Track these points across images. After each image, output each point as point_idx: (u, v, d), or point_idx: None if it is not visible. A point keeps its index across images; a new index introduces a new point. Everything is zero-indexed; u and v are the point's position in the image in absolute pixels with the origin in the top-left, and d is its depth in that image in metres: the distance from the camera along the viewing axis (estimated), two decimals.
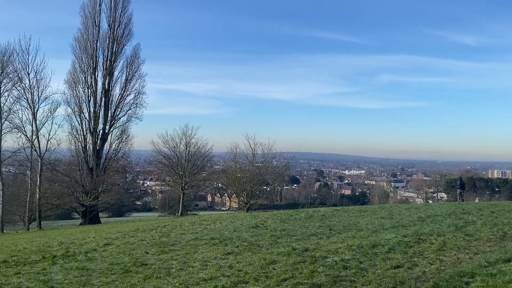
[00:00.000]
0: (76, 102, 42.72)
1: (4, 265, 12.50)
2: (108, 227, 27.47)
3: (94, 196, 39.98)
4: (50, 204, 41.74)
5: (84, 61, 43.20)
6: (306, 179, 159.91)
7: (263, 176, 41.41)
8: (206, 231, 16.99)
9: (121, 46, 44.71)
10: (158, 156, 46.98)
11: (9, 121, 38.71)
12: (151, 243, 14.59)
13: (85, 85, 43.07)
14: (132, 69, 45.45)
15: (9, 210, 41.38)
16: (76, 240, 17.75)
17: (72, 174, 42.39)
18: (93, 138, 43.36)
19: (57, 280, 9.81)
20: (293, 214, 22.37)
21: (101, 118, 43.79)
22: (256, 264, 10.13)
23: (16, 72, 38.63)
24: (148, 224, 25.00)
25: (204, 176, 51.69)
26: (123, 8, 44.53)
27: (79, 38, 43.40)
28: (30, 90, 38.76)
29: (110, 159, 45.14)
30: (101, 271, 10.51)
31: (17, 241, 21.00)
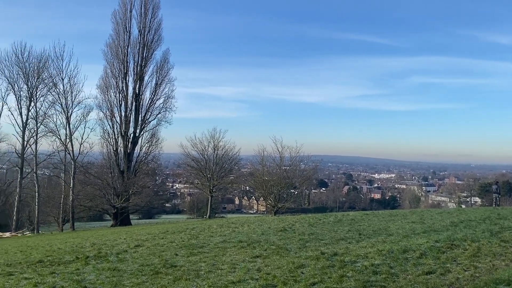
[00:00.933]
0: (108, 107, 43.87)
1: (40, 265, 12.93)
2: (139, 228, 27.97)
3: (125, 198, 40.85)
4: (82, 206, 42.94)
5: (115, 67, 44.33)
6: (334, 182, 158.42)
7: (291, 179, 41.24)
8: (234, 234, 17.06)
9: (151, 51, 45.65)
10: (187, 159, 47.59)
11: (44, 125, 40.15)
12: (180, 245, 14.76)
13: (116, 89, 44.17)
14: (162, 74, 46.31)
15: (44, 212, 42.77)
16: (108, 241, 18.15)
17: (104, 176, 43.47)
18: (124, 141, 44.32)
19: (90, 280, 10.06)
20: (322, 218, 22.18)
21: (131, 122, 44.77)
22: (285, 267, 10.09)
23: (51, 78, 40.04)
24: (177, 226, 25.31)
25: (232, 179, 52.00)
26: (153, 14, 45.48)
27: (111, 44, 44.60)
28: (64, 95, 40.09)
29: (141, 162, 46.03)
30: (132, 272, 10.71)
31: (51, 242, 21.65)
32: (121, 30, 44.42)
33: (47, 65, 39.65)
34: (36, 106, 39.41)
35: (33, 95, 39.07)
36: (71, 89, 40.23)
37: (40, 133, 39.80)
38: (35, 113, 39.32)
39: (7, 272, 11.98)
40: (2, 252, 17.93)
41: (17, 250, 17.96)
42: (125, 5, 44.63)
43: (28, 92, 38.85)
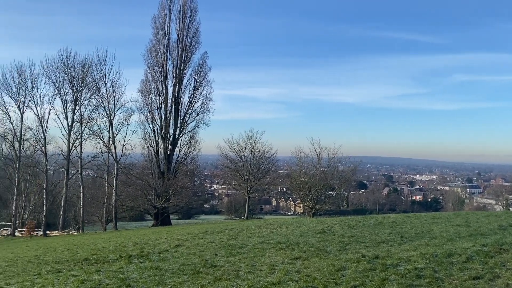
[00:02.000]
0: (148, 110, 45.02)
1: (86, 263, 13.44)
2: (179, 228, 28.49)
3: (165, 199, 41.74)
4: (125, 206, 44.24)
5: (155, 70, 45.44)
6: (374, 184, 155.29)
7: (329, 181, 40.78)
8: (273, 235, 17.05)
9: (189, 54, 46.48)
10: (224, 160, 48.08)
11: (88, 128, 41.63)
12: (220, 245, 14.91)
13: (156, 93, 45.27)
14: (200, 77, 47.05)
15: (88, 211, 44.37)
16: (150, 240, 18.60)
17: (145, 177, 44.63)
18: (164, 143, 45.34)
19: (133, 279, 10.35)
20: (361, 220, 21.79)
21: (171, 124, 45.73)
22: (325, 270, 9.98)
23: (94, 82, 41.41)
24: (216, 226, 25.59)
25: (269, 180, 52.04)
26: (191, 18, 46.29)
27: (151, 49, 45.76)
28: (107, 98, 41.37)
29: (180, 163, 46.93)
30: (173, 271, 10.93)
31: (96, 241, 22.43)
32: (161, 34, 45.52)
33: (91, 70, 41.10)
34: (81, 110, 40.95)
35: (78, 99, 40.59)
36: (113, 93, 41.53)
37: (84, 135, 41.35)
38: (80, 117, 40.84)
39: (56, 269, 12.54)
40: (51, 250, 18.73)
41: (64, 248, 18.71)
42: (164, 10, 45.74)
43: (73, 96, 40.38)
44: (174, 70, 45.95)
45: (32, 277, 11.67)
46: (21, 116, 40.19)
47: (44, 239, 33.57)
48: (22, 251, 19.90)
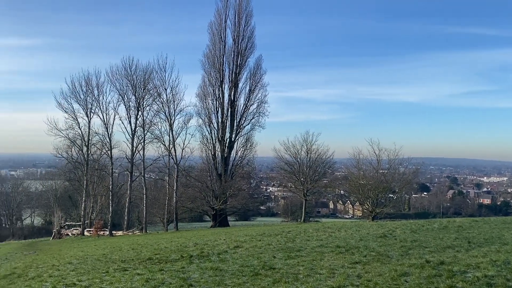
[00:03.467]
0: (206, 113, 46.17)
1: (150, 262, 13.98)
2: (237, 230, 28.87)
3: (223, 200, 42.50)
4: (185, 207, 45.53)
5: (212, 75, 46.52)
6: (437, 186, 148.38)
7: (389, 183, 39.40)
8: (331, 239, 16.80)
9: (244, 58, 47.11)
10: (280, 162, 48.02)
11: (150, 132, 43.27)
12: (278, 248, 14.92)
13: (213, 97, 46.33)
14: (255, 80, 47.53)
15: (151, 212, 46.09)
16: (209, 241, 19.00)
17: (203, 179, 45.76)
18: (221, 146, 46.24)
19: (195, 279, 10.62)
20: (425, 224, 20.90)
21: (227, 128, 46.54)
22: (386, 275, 9.68)
23: (155, 88, 42.98)
24: (273, 229, 25.66)
25: (326, 182, 51.33)
26: (246, 22, 46.92)
27: (208, 54, 46.93)
28: (167, 104, 42.82)
29: (236, 166, 47.64)
30: (232, 272, 11.08)
31: (158, 241, 23.27)
32: (217, 40, 46.53)
33: (152, 76, 42.68)
34: (143, 115, 42.63)
35: (140, 105, 42.34)
36: (173, 98, 42.89)
37: (146, 139, 42.98)
38: (142, 121, 42.54)
39: (122, 268, 13.16)
40: (117, 249, 19.68)
41: (129, 248, 19.59)
42: (220, 16, 46.71)
43: (136, 102, 42.17)
44: (230, 74, 46.83)
45: (101, 274, 12.32)
46: (88, 122, 42.61)
47: (110, 238, 35.35)
48: (91, 250, 21.07)
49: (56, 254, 20.82)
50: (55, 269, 14.14)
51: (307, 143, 44.72)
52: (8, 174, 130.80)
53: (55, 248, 26.32)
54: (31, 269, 14.65)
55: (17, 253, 24.98)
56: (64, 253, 20.91)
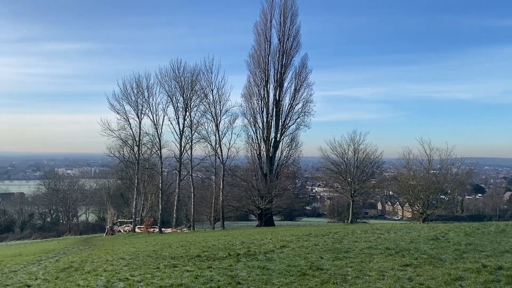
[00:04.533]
0: (251, 113, 46.41)
1: (198, 259, 14.27)
2: (282, 230, 28.85)
3: (268, 200, 42.59)
4: (231, 206, 46.07)
5: (257, 75, 46.72)
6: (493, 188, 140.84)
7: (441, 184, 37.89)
8: (380, 241, 16.40)
9: (290, 58, 46.92)
10: (326, 162, 47.36)
11: (197, 133, 44.22)
12: (325, 249, 14.76)
13: (258, 97, 46.50)
14: (300, 79, 47.20)
15: (198, 211, 47.06)
16: (255, 240, 19.11)
17: (249, 179, 46.08)
18: (266, 146, 46.33)
19: (242, 277, 10.73)
20: (480, 227, 19.90)
21: (272, 127, 46.58)
22: (440, 279, 9.32)
23: (202, 90, 43.89)
24: (319, 229, 25.41)
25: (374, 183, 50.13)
26: (292, 21, 46.71)
27: (253, 54, 47.18)
28: (214, 104, 43.60)
29: (282, 165, 47.54)
30: (279, 271, 11.09)
31: (206, 238, 23.69)
32: (262, 40, 46.67)
33: (199, 78, 43.64)
34: (191, 116, 43.65)
35: (188, 105, 43.37)
36: (219, 99, 43.62)
37: (194, 139, 44.00)
38: (190, 122, 43.57)
39: (172, 264, 13.52)
40: (167, 246, 20.24)
41: (178, 245, 20.09)
42: (266, 16, 46.79)
43: (183, 103, 43.26)
44: (275, 74, 46.80)
45: (152, 270, 12.72)
46: (139, 122, 44.23)
47: (160, 235, 36.41)
48: (142, 246, 21.79)
49: (110, 249, 21.71)
50: (109, 264, 14.75)
51: (355, 142, 43.83)
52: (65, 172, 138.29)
53: (108, 244, 27.46)
54: (87, 263, 15.37)
55: (74, 247, 26.31)
56: (117, 248, 21.76)
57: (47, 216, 75.39)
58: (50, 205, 76.02)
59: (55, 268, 14.59)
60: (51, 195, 75.99)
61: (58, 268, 14.52)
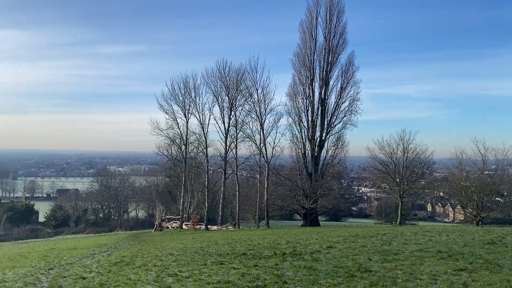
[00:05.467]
0: (296, 112, 46.11)
1: (244, 257, 14.36)
2: (328, 230, 28.50)
3: (313, 200, 42.21)
4: (275, 205, 46.07)
5: (302, 74, 46.33)
6: None
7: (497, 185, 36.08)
8: (431, 243, 15.80)
9: (336, 55, 46.18)
10: (374, 162, 46.32)
11: (242, 132, 44.59)
12: (373, 250, 14.42)
13: (303, 96, 46.12)
14: (347, 77, 46.35)
15: (243, 209, 47.47)
16: (301, 240, 18.99)
17: (293, 178, 45.86)
18: (311, 145, 45.89)
19: (289, 276, 10.68)
20: None
21: (318, 126, 46.04)
22: (497, 285, 8.87)
23: (247, 89, 44.15)
24: (366, 230, 24.88)
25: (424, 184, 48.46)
26: (338, 19, 45.95)
27: (298, 53, 46.84)
28: (258, 103, 43.72)
29: (327, 165, 46.92)
30: (326, 272, 10.95)
31: (251, 237, 23.82)
32: (307, 38, 46.25)
33: (244, 77, 43.93)
34: (236, 115, 44.10)
35: (233, 105, 43.83)
36: (264, 98, 43.68)
37: (239, 138, 44.40)
38: (235, 121, 44.01)
39: (219, 261, 13.69)
40: (213, 243, 20.54)
41: (224, 242, 20.33)
42: (311, 14, 46.33)
43: (229, 103, 43.77)
44: (320, 72, 46.21)
45: (199, 266, 12.95)
46: (186, 122, 45.18)
47: (206, 232, 37.06)
48: (189, 243, 22.25)
49: (158, 245, 22.34)
50: (158, 259, 15.17)
51: (404, 142, 42.58)
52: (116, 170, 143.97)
53: (157, 240, 28.28)
54: (137, 258, 15.88)
55: (125, 242, 27.30)
56: (165, 244, 22.35)
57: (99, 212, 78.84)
58: (103, 201, 79.45)
59: (108, 262, 15.18)
60: (104, 192, 79.41)
61: (111, 262, 15.10)
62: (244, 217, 50.70)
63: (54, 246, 28.92)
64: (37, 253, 21.08)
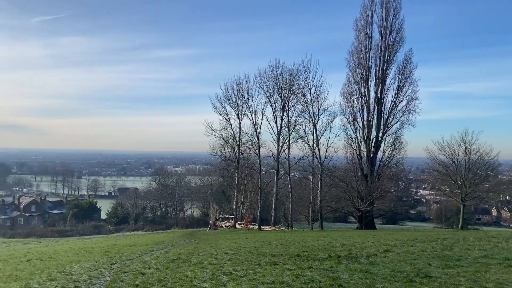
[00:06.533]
0: (350, 112, 45.15)
1: (298, 259, 14.27)
2: (385, 233, 27.67)
3: (369, 202, 41.18)
4: (329, 207, 45.42)
5: (357, 73, 45.31)
6: None
7: None
8: (497, 250, 14.87)
9: (392, 53, 44.75)
10: (433, 163, 44.47)
11: (295, 132, 44.46)
12: (433, 255, 13.81)
13: (358, 95, 45.08)
14: (404, 75, 44.75)
15: (296, 210, 47.21)
16: (356, 243, 18.58)
17: (348, 180, 44.94)
18: (367, 145, 44.75)
19: (344, 279, 10.47)
20: None
21: (373, 126, 44.80)
22: None
23: (300, 89, 43.94)
24: (425, 234, 23.89)
25: (488, 186, 45.79)
26: (394, 15, 44.50)
27: (353, 51, 45.85)
28: (311, 104, 43.35)
29: (384, 166, 45.55)
30: (384, 276, 10.62)
31: (305, 238, 23.65)
32: (363, 36, 45.19)
33: (297, 78, 43.78)
34: (288, 115, 44.07)
35: (285, 105, 43.83)
36: (317, 98, 43.25)
37: (291, 139, 44.31)
38: (287, 122, 43.98)
39: (273, 262, 13.71)
40: (266, 243, 20.61)
41: (278, 243, 20.34)
42: (366, 12, 45.23)
43: (281, 104, 43.83)
44: (376, 70, 44.97)
45: (253, 266, 13.04)
46: (239, 123, 45.83)
47: (259, 232, 37.28)
48: (243, 242, 22.47)
49: (213, 243, 22.76)
50: (213, 257, 15.45)
51: (466, 142, 40.56)
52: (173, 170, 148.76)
53: (211, 238, 28.83)
54: (194, 256, 16.27)
55: (181, 240, 28.08)
56: (220, 243, 22.72)
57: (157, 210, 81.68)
58: (160, 200, 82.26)
59: (165, 259, 15.67)
60: (161, 191, 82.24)
61: (168, 259, 15.58)
62: (297, 218, 50.41)
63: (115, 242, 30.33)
64: (100, 249, 22.19)
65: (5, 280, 12.05)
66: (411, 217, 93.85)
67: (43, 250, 23.87)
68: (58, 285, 11.05)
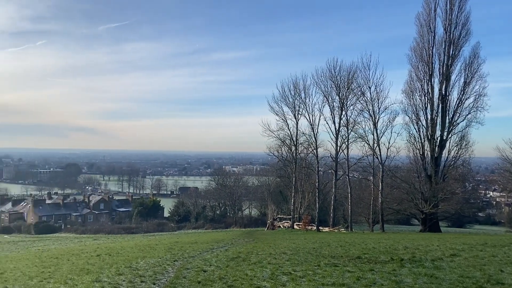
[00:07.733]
0: (413, 110, 43.42)
1: (359, 261, 14.00)
2: (451, 237, 26.37)
3: (433, 204, 39.43)
4: (390, 208, 44.02)
5: (420, 69, 43.50)
6: None
7: None
8: None
9: (458, 48, 42.48)
10: (505, 163, 41.63)
11: (354, 132, 43.53)
12: (505, 261, 12.98)
13: (421, 92, 43.26)
14: (471, 71, 42.30)
15: (355, 211, 46.25)
16: (420, 246, 17.88)
17: (410, 180, 43.25)
18: (431, 145, 42.84)
19: (408, 283, 10.14)
20: None
21: (438, 125, 42.79)
22: None
23: (359, 88, 42.97)
24: (496, 239, 22.46)
25: None
26: (460, 8, 42.21)
27: (415, 47, 44.06)
28: (371, 102, 42.23)
29: (449, 167, 43.36)
30: (451, 281, 10.15)
31: (365, 240, 23.10)
32: (425, 31, 43.32)
33: (356, 76, 42.81)
34: (347, 115, 43.22)
35: (344, 104, 43.02)
36: (377, 96, 42.05)
37: (350, 139, 43.42)
38: (346, 121, 43.13)
39: (332, 263, 13.55)
40: (326, 245, 20.39)
41: (337, 245, 20.05)
42: (429, 5, 43.29)
43: (339, 103, 43.09)
44: (440, 66, 42.91)
45: (313, 267, 12.97)
46: (296, 123, 45.71)
47: (317, 233, 36.93)
48: (302, 243, 22.39)
49: (271, 243, 22.88)
50: (272, 257, 15.55)
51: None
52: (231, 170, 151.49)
53: (269, 238, 29.00)
54: (253, 255, 16.47)
55: (240, 239, 28.52)
56: (278, 243, 22.80)
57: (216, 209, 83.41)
58: (219, 199, 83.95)
59: (225, 257, 16.00)
60: (220, 190, 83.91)
61: (228, 257, 15.89)
62: (357, 220, 49.35)
63: (178, 239, 31.43)
64: (163, 246, 23.10)
65: (78, 273, 12.91)
66: (479, 220, 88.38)
67: (111, 246, 25.30)
68: (126, 280, 11.65)
